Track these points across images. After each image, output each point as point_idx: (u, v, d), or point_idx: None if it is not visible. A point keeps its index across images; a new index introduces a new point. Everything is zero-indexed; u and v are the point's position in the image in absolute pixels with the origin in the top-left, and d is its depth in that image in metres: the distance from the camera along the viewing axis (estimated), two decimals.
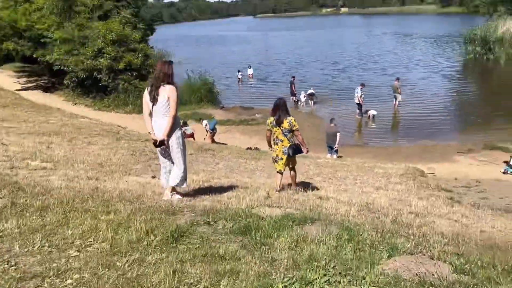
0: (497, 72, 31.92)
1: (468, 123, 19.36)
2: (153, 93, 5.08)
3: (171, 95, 5.03)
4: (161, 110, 5.07)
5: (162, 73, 5.06)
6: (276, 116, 6.77)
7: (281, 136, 6.77)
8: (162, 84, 5.06)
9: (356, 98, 20.72)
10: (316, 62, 40.47)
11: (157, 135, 5.15)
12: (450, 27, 71.00)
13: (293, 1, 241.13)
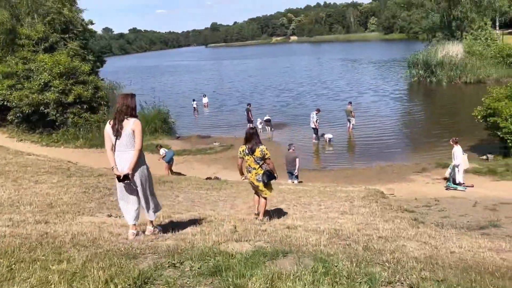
0: (440, 93, 33.69)
1: (419, 143, 20.11)
2: (116, 126, 4.92)
3: (136, 128, 4.91)
4: (125, 144, 4.94)
5: (125, 106, 4.94)
6: (249, 145, 6.97)
7: (253, 164, 7.00)
8: (125, 117, 4.92)
9: (312, 123, 21.03)
10: (270, 89, 41.11)
11: (120, 169, 4.97)
12: (394, 52, 75.04)
13: (244, 31, 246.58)
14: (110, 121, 5.05)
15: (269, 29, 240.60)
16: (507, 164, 13.96)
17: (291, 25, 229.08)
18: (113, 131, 4.95)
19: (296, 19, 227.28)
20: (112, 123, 4.99)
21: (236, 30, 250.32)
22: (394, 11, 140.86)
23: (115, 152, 5.01)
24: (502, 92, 15.70)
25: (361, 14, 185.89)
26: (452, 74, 35.31)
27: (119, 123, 4.91)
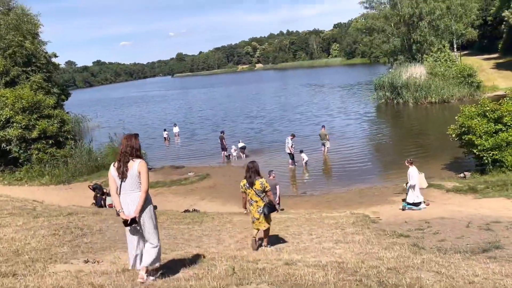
0: (408, 113, 34.49)
1: (395, 164, 20.04)
2: (121, 168, 4.85)
3: (142, 169, 4.84)
4: (131, 186, 4.85)
5: (130, 147, 4.91)
6: (248, 178, 7.24)
7: (254, 197, 7.21)
8: (130, 158, 4.88)
9: (287, 148, 20.80)
10: (242, 116, 40.90)
11: (127, 213, 4.83)
12: (359, 76, 77.16)
13: (209, 60, 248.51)
14: (114, 163, 4.96)
15: (235, 57, 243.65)
16: (486, 181, 14.03)
17: (256, 53, 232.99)
18: (118, 173, 4.87)
19: (260, 47, 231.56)
20: (117, 165, 4.90)
21: (202, 60, 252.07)
22: (355, 36, 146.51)
23: (120, 195, 4.90)
24: (473, 110, 15.98)
25: (323, 40, 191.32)
26: (417, 95, 36.30)
27: (124, 165, 4.85)
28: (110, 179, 4.97)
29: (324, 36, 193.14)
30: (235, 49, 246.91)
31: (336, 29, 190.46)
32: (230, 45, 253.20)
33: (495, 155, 14.78)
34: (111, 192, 5.04)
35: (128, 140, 4.96)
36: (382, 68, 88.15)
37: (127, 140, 4.97)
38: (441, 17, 44.43)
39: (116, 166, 4.91)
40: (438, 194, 13.86)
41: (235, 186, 18.94)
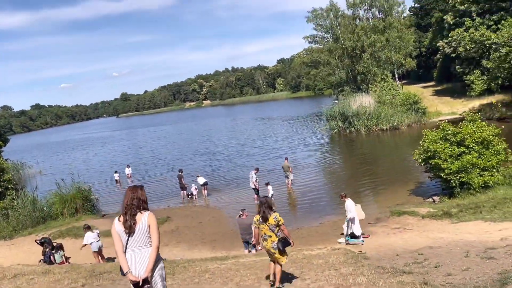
0: (361, 141, 35.05)
1: (361, 192, 19.89)
2: (129, 222, 4.43)
3: (152, 222, 4.49)
4: (140, 241, 4.46)
5: (136, 199, 4.53)
6: (262, 213, 7.14)
7: (268, 232, 7.12)
8: (138, 211, 4.48)
9: (252, 183, 20.06)
10: (198, 153, 39.60)
11: (136, 273, 4.37)
12: (308, 107, 78.78)
13: (156, 99, 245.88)
14: (119, 217, 4.55)
15: (181, 95, 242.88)
16: (459, 204, 13.96)
17: (202, 90, 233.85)
18: (125, 228, 4.45)
19: (207, 84, 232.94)
20: (123, 219, 4.49)
21: (148, 98, 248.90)
22: (299, 71, 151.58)
23: (126, 253, 4.46)
24: (436, 134, 16.16)
25: (268, 76, 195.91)
26: (369, 123, 37.20)
27: (132, 218, 4.45)
28: (114, 236, 4.51)
29: (269, 71, 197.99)
30: (181, 86, 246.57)
31: (280, 65, 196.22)
32: (176, 83, 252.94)
33: (462, 177, 14.85)
34: (116, 250, 4.53)
35: (134, 192, 4.60)
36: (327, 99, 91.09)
37: (132, 192, 4.60)
38: (381, 49, 46.69)
39: (121, 220, 4.49)
40: (414, 221, 13.57)
41: (199, 228, 17.84)
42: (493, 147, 15.19)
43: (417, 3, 73.49)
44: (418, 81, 70.87)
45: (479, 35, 32.41)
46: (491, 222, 11.82)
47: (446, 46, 45.68)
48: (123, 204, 4.61)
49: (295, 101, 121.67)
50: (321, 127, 43.19)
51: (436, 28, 56.39)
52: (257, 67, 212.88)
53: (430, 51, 65.86)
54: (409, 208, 14.84)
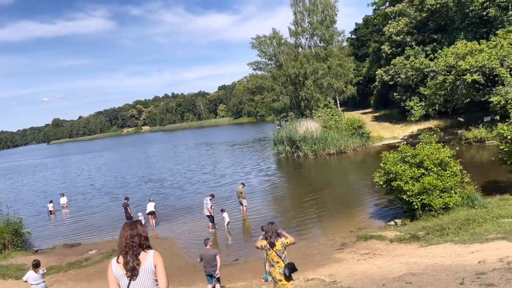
0: (310, 165, 35.03)
1: (320, 217, 19.41)
2: (131, 263, 3.88)
3: (158, 261, 4.00)
4: (145, 285, 3.94)
5: (137, 236, 4.01)
6: (269, 238, 7.23)
7: (276, 258, 7.19)
8: (141, 250, 3.97)
9: (206, 210, 18.85)
10: (143, 181, 37.23)
11: None
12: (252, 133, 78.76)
13: (91, 124, 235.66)
14: (117, 259, 3.97)
15: (119, 120, 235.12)
16: (424, 227, 13.81)
17: (141, 115, 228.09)
18: (126, 271, 3.88)
19: (146, 110, 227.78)
20: (123, 260, 3.91)
21: (82, 124, 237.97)
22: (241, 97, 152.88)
23: None
24: (396, 156, 16.17)
25: (209, 102, 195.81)
26: (316, 148, 37.47)
27: (135, 258, 3.91)
28: (110, 281, 3.93)
29: (210, 97, 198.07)
30: (118, 112, 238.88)
31: (221, 91, 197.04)
32: (113, 108, 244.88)
33: (424, 199, 14.82)
34: None
35: (133, 229, 4.03)
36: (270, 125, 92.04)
37: (131, 229, 4.03)
38: (324, 76, 48.01)
39: (122, 262, 3.89)
40: (382, 246, 13.15)
41: None
42: (450, 169, 15.39)
43: (353, 35, 77.41)
44: (355, 108, 73.78)
45: (419, 63, 34.14)
46: (461, 244, 11.66)
47: (385, 74, 47.96)
48: (120, 243, 3.95)
49: (237, 127, 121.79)
50: (269, 152, 42.95)
51: (374, 57, 59.37)
52: (198, 93, 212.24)
53: (367, 79, 69.18)
54: (376, 232, 14.47)
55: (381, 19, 55.94)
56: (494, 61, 28.51)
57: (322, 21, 50.58)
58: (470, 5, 36.51)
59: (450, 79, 31.61)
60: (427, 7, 39.77)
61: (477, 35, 35.98)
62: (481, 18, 36.68)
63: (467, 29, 38.16)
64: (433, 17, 42.37)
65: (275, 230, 7.35)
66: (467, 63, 28.93)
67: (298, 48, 53.41)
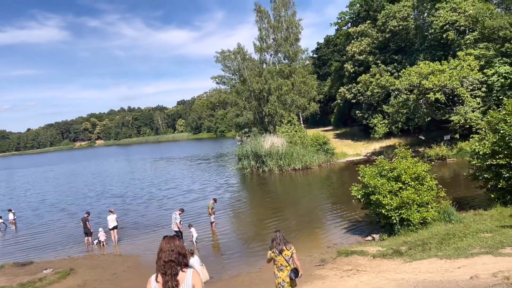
0: (276, 180, 34.52)
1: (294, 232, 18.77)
2: (170, 284, 3.72)
3: (197, 282, 3.83)
4: None
5: (176, 254, 3.84)
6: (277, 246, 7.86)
7: (284, 263, 7.84)
8: (179, 269, 3.79)
9: (175, 225, 17.73)
10: (101, 196, 34.93)
11: None
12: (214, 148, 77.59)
13: (40, 137, 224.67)
14: (157, 277, 3.82)
15: (71, 134, 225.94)
16: (405, 242, 13.50)
17: (95, 129, 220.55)
18: None
19: (100, 123, 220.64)
20: (162, 279, 3.77)
21: (31, 137, 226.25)
22: (200, 112, 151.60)
23: None
24: (374, 170, 15.93)
25: (168, 116, 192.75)
26: (282, 163, 37.13)
27: (173, 278, 3.75)
28: None
29: (168, 112, 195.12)
30: (71, 125, 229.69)
31: (180, 106, 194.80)
32: (65, 121, 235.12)
33: (402, 214, 14.59)
34: None
35: (172, 245, 3.92)
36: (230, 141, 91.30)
37: (170, 245, 3.92)
38: (287, 92, 48.18)
39: (161, 282, 3.80)
40: (365, 261, 12.66)
41: (115, 282, 14.85)
42: (427, 183, 15.33)
43: (315, 54, 78.99)
44: (316, 125, 74.80)
45: (384, 81, 34.89)
46: (446, 259, 11.38)
47: (347, 92, 48.85)
48: (159, 260, 3.84)
49: (197, 142, 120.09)
50: (233, 167, 42.17)
51: (335, 76, 60.58)
52: (156, 108, 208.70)
53: (328, 97, 70.42)
54: (357, 247, 13.99)
55: (343, 38, 57.35)
56: (455, 81, 29.55)
57: (286, 38, 51.08)
58: (430, 28, 38.02)
59: (412, 97, 32.46)
60: (389, 28, 41.03)
61: (435, 57, 37.42)
62: (439, 41, 38.26)
63: (426, 51, 39.66)
64: (394, 38, 43.81)
65: (283, 237, 7.98)
66: (430, 82, 29.79)
67: (262, 64, 53.51)
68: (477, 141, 17.38)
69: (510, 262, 10.45)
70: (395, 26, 40.65)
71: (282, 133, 43.37)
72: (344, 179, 31.04)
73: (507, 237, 12.17)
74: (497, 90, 30.98)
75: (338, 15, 62.32)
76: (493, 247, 11.62)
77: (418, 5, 39.79)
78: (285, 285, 7.87)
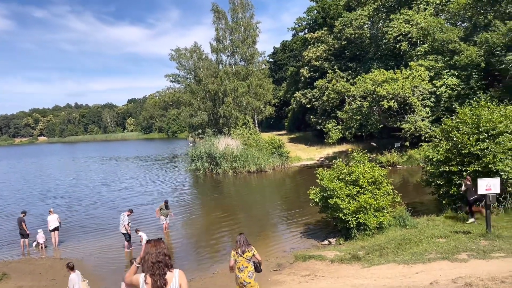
0: (229, 183, 33.86)
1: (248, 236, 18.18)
2: (158, 283, 3.96)
3: (184, 281, 4.13)
4: None
5: (163, 255, 4.06)
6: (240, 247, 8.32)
7: (245, 263, 8.23)
8: (167, 269, 4.05)
9: (123, 227, 16.61)
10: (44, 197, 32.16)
11: None
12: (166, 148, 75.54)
13: None
14: (145, 278, 3.99)
15: (11, 129, 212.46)
16: (363, 246, 13.35)
17: (38, 125, 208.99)
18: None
19: (44, 119, 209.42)
20: (151, 280, 3.96)
21: None
22: (152, 112, 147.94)
23: None
24: (332, 173, 15.75)
25: (117, 115, 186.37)
26: (236, 165, 36.55)
27: (161, 278, 3.98)
28: None
29: (118, 110, 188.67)
30: (11, 119, 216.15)
31: (131, 104, 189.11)
32: (4, 115, 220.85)
33: (359, 218, 14.47)
34: None
35: (158, 247, 4.09)
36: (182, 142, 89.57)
37: (156, 247, 4.08)
38: (243, 95, 47.79)
39: (149, 283, 3.95)
40: (323, 267, 12.34)
41: (52, 287, 13.62)
42: (383, 188, 15.36)
43: (271, 58, 79.29)
44: (270, 129, 75.01)
45: (341, 86, 35.32)
46: (404, 265, 11.30)
47: (303, 97, 49.22)
48: (147, 262, 4.01)
49: (147, 142, 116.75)
50: (186, 168, 41.04)
51: (291, 81, 61.00)
52: (105, 105, 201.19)
53: (282, 102, 70.84)
54: (314, 251, 13.67)
55: (300, 44, 57.89)
56: (408, 90, 30.42)
57: (244, 40, 50.75)
58: (384, 38, 39.09)
59: (366, 104, 33.09)
60: (346, 36, 41.77)
61: (388, 66, 38.51)
62: (392, 51, 39.44)
63: (379, 60, 40.74)
64: (349, 46, 44.70)
65: (246, 240, 8.47)
66: (384, 90, 30.47)
67: (218, 64, 52.79)
68: (431, 147, 17.74)
69: (466, 267, 10.52)
70: (351, 34, 41.47)
71: (237, 135, 42.86)
72: (298, 183, 30.98)
73: (461, 242, 12.34)
74: (444, 101, 32.26)
75: (295, 20, 62.94)
76: (448, 252, 11.70)
77: (374, 15, 40.82)
78: (247, 285, 8.15)
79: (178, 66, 54.16)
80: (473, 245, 11.85)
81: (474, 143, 15.27)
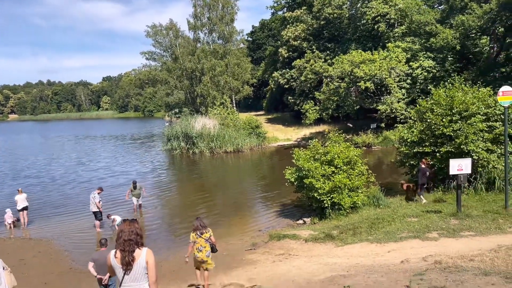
0: (206, 163, 33.61)
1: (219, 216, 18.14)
2: (127, 259, 4.29)
3: (150, 258, 4.39)
4: (136, 278, 4.34)
5: (134, 234, 4.40)
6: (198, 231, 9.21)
7: (204, 244, 9.20)
8: (136, 247, 4.35)
9: (94, 205, 16.20)
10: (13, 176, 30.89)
11: None
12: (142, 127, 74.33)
13: None
14: (115, 253, 4.40)
15: None
16: (337, 226, 13.46)
17: (8, 102, 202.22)
18: (122, 265, 4.33)
19: (15, 96, 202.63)
20: (120, 255, 4.34)
21: None
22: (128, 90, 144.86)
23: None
24: (308, 153, 15.71)
25: (92, 93, 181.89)
26: (213, 145, 36.28)
27: (130, 254, 4.30)
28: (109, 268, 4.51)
29: (93, 88, 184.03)
30: None
31: (106, 82, 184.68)
32: None
33: (334, 198, 14.55)
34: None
35: (131, 226, 4.46)
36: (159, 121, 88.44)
37: (130, 226, 4.45)
38: (221, 74, 47.12)
39: (119, 257, 4.34)
40: (297, 246, 12.40)
41: (22, 269, 13.19)
42: (358, 168, 15.45)
43: (249, 37, 78.20)
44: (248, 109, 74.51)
45: (319, 67, 35.18)
46: (377, 243, 11.45)
47: (281, 77, 48.92)
48: (119, 239, 4.38)
49: (123, 121, 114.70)
50: (162, 147, 40.50)
51: (269, 60, 60.44)
52: (79, 83, 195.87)
53: (261, 82, 70.33)
54: (289, 231, 13.71)
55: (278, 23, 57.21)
56: (385, 72, 30.55)
57: (221, 17, 49.76)
58: (362, 19, 38.98)
59: (343, 85, 33.13)
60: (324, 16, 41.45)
61: (366, 47, 38.54)
62: (370, 32, 39.43)
63: (357, 41, 40.71)
64: (328, 26, 44.44)
65: (202, 223, 9.36)
66: (362, 71, 30.52)
67: (196, 42, 51.71)
68: (406, 129, 17.90)
69: (437, 246, 10.73)
70: (330, 14, 41.18)
71: (214, 115, 42.41)
72: (274, 163, 31.02)
73: (432, 221, 12.57)
74: (420, 82, 32.60)
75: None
76: (420, 231, 11.90)
77: None
78: (204, 263, 9.18)
79: (154, 43, 52.96)
80: (443, 224, 12.07)
81: (447, 124, 15.44)
